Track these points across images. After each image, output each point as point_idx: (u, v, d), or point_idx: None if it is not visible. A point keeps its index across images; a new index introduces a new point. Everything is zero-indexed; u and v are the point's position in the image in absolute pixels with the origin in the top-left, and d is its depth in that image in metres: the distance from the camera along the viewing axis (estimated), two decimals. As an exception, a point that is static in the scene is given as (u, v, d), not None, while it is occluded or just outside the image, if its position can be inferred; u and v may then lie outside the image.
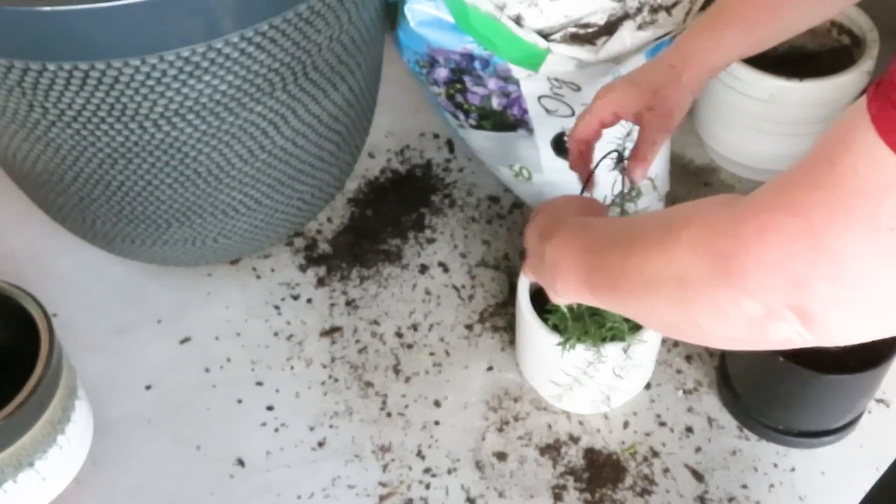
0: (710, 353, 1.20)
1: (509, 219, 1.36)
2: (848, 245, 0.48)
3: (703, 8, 1.12)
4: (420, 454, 1.13)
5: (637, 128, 0.97)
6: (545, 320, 1.05)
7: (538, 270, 0.85)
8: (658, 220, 0.65)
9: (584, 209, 0.88)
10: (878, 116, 0.46)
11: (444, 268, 1.30)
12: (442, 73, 1.17)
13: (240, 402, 1.18)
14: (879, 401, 1.16)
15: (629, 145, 0.99)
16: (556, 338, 1.04)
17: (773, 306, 0.53)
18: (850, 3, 0.92)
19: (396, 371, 1.20)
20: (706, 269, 0.56)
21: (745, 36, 0.91)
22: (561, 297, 0.81)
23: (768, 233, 0.52)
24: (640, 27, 1.08)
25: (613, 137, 1.01)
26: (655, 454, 1.12)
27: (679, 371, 1.19)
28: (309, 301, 1.27)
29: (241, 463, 1.12)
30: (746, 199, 0.55)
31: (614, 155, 1.00)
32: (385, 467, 1.12)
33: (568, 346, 1.02)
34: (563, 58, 1.09)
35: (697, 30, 0.93)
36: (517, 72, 1.13)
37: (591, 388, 1.09)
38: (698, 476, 1.10)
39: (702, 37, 0.93)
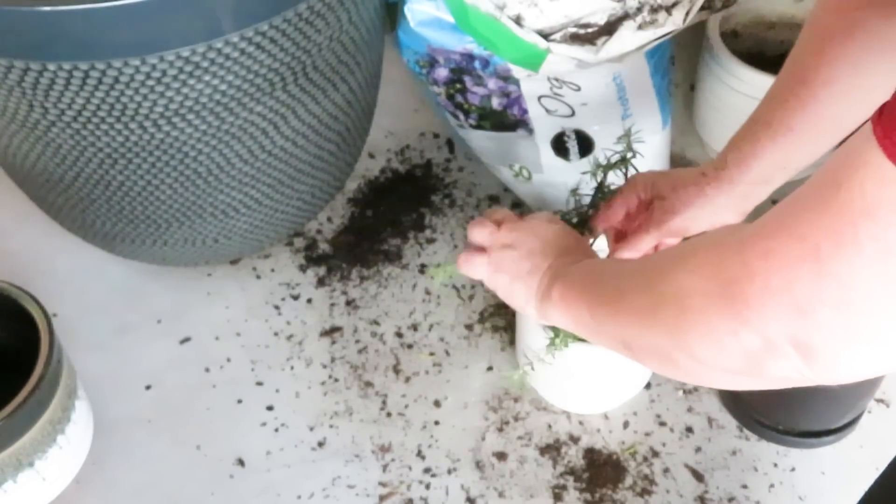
0: (710, 353, 1.20)
1: (509, 219, 1.36)
2: (855, 269, 0.47)
3: (702, 9, 1.12)
4: (420, 454, 1.13)
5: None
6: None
7: (513, 295, 0.83)
8: (670, 251, 0.66)
9: (572, 241, 0.85)
10: (885, 138, 0.45)
11: (444, 268, 1.30)
12: (442, 73, 1.17)
13: (240, 402, 1.18)
14: (879, 401, 1.16)
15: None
16: (553, 339, 1.03)
17: (772, 339, 0.52)
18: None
19: (396, 371, 1.20)
20: (707, 294, 0.56)
21: (781, 142, 0.84)
22: (551, 316, 0.79)
23: (773, 257, 0.51)
24: (640, 27, 1.08)
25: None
26: (655, 454, 1.12)
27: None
28: (309, 301, 1.27)
29: (241, 463, 1.12)
30: (753, 224, 0.55)
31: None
32: (385, 467, 1.12)
33: (558, 343, 1.01)
34: (563, 58, 1.09)
35: (736, 135, 0.88)
36: (517, 72, 1.13)
37: (589, 388, 1.09)
38: (698, 476, 1.10)
39: (737, 145, 0.87)
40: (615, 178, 1.02)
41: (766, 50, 1.37)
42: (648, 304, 0.62)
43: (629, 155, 1.00)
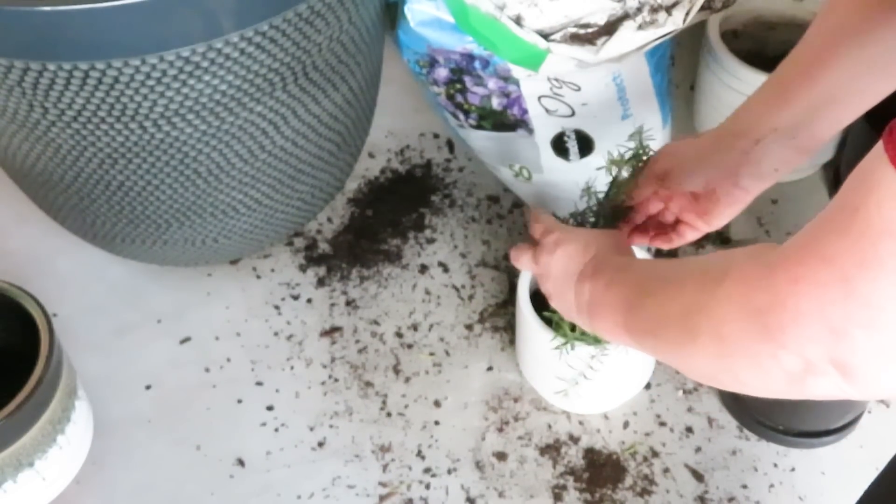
0: (710, 353, 1.20)
1: (509, 219, 1.36)
2: (881, 289, 0.48)
3: (702, 9, 1.12)
4: (420, 454, 1.13)
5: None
6: (545, 320, 1.05)
7: (563, 298, 0.87)
8: (695, 268, 0.66)
9: (616, 245, 0.88)
10: None
11: (444, 268, 1.30)
12: (442, 73, 1.17)
13: (240, 402, 1.18)
14: (879, 401, 1.16)
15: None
16: (556, 337, 1.03)
17: (812, 360, 0.53)
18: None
19: (396, 371, 1.20)
20: (743, 324, 0.56)
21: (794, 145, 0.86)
22: (595, 331, 0.83)
23: (801, 283, 0.52)
24: (640, 27, 1.08)
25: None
26: (655, 454, 1.12)
27: (679, 371, 1.19)
28: (309, 301, 1.27)
29: (241, 463, 1.12)
30: (779, 250, 0.55)
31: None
32: (385, 467, 1.12)
33: (567, 347, 1.02)
34: (563, 58, 1.09)
35: (753, 131, 0.87)
36: (517, 72, 1.13)
37: (593, 388, 1.09)
38: (698, 476, 1.10)
39: (759, 141, 0.87)
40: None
41: (766, 50, 1.36)
42: (686, 333, 0.63)
43: (641, 152, 1.01)
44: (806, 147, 0.85)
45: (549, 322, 1.05)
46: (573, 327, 1.02)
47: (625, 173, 1.02)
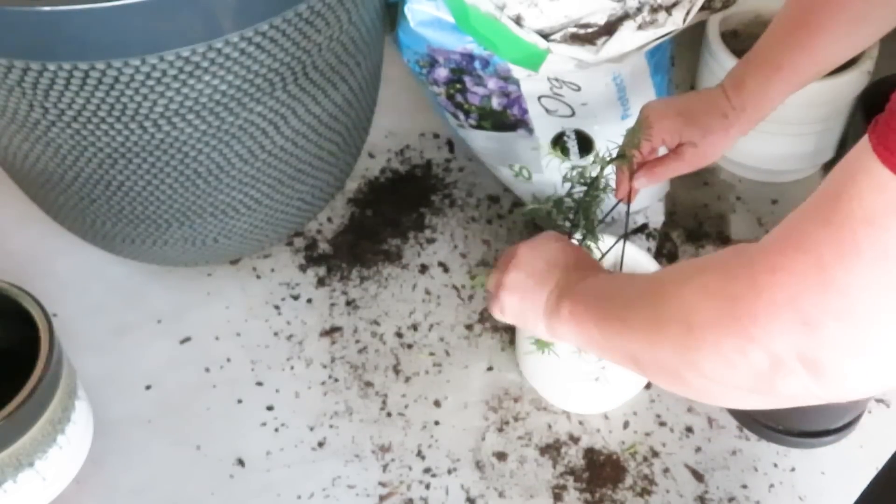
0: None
1: (509, 219, 1.36)
2: (857, 278, 0.48)
3: (702, 9, 1.12)
4: (420, 454, 1.13)
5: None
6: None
7: (525, 309, 0.84)
8: (675, 268, 0.66)
9: (577, 257, 0.85)
10: (880, 144, 0.46)
11: (444, 268, 1.30)
12: (442, 73, 1.17)
13: (240, 402, 1.18)
14: (879, 401, 1.16)
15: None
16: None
17: (780, 356, 0.52)
18: (881, 34, 0.90)
19: (396, 371, 1.20)
20: (713, 312, 0.56)
21: (789, 82, 0.93)
22: (561, 333, 0.79)
23: (779, 272, 0.51)
24: (640, 27, 1.08)
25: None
26: (655, 454, 1.12)
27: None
28: (309, 301, 1.27)
29: (241, 463, 1.12)
30: (760, 242, 0.55)
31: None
32: (385, 467, 1.12)
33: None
34: (563, 58, 1.09)
35: (748, 77, 0.95)
36: (517, 72, 1.13)
37: (591, 388, 1.09)
38: (698, 476, 1.10)
39: (753, 89, 0.95)
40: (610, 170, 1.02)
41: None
42: (655, 320, 0.62)
43: (630, 154, 1.00)
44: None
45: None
46: None
47: (610, 171, 1.02)
